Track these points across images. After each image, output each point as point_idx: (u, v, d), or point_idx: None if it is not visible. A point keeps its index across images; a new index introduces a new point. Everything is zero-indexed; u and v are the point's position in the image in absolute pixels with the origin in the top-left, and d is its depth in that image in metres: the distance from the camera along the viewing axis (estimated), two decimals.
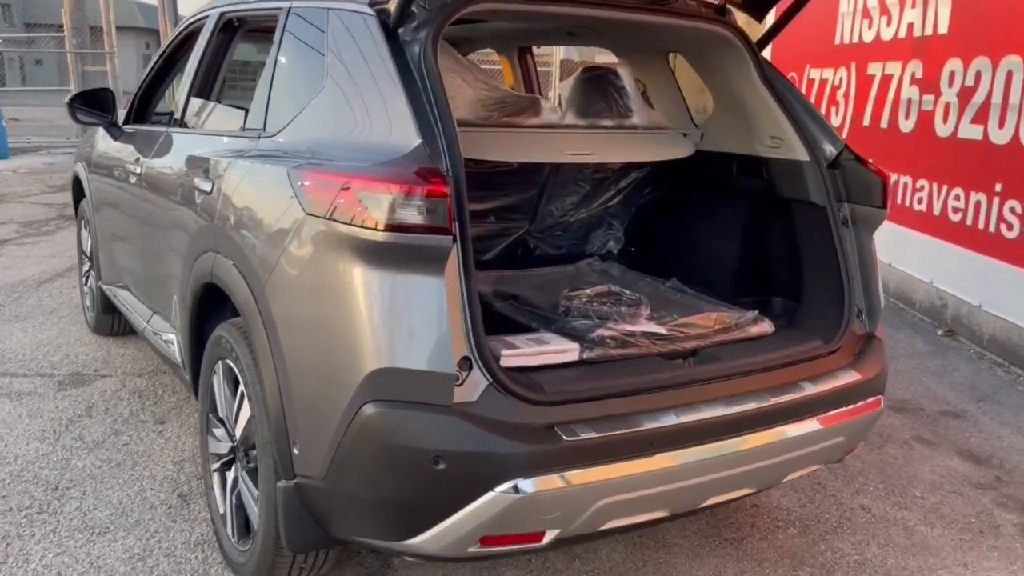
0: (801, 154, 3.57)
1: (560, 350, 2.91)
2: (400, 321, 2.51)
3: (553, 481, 2.46)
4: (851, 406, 3.15)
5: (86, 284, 6.20)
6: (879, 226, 3.51)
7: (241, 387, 3.08)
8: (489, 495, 2.42)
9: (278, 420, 2.78)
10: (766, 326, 3.37)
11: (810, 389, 3.05)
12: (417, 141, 2.57)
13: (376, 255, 2.49)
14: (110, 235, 5.34)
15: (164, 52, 5.12)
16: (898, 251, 7.38)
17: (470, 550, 2.58)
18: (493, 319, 3.18)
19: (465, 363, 2.54)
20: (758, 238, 3.93)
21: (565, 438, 2.50)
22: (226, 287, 3.15)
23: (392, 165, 2.53)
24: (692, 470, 2.72)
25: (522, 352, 2.85)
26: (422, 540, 2.56)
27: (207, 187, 3.46)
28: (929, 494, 4.20)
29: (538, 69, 5.87)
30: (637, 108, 4.19)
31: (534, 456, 2.47)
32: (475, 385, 2.55)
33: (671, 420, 2.69)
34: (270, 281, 2.84)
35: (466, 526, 2.48)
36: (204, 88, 4.24)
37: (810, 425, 2.96)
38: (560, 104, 4.13)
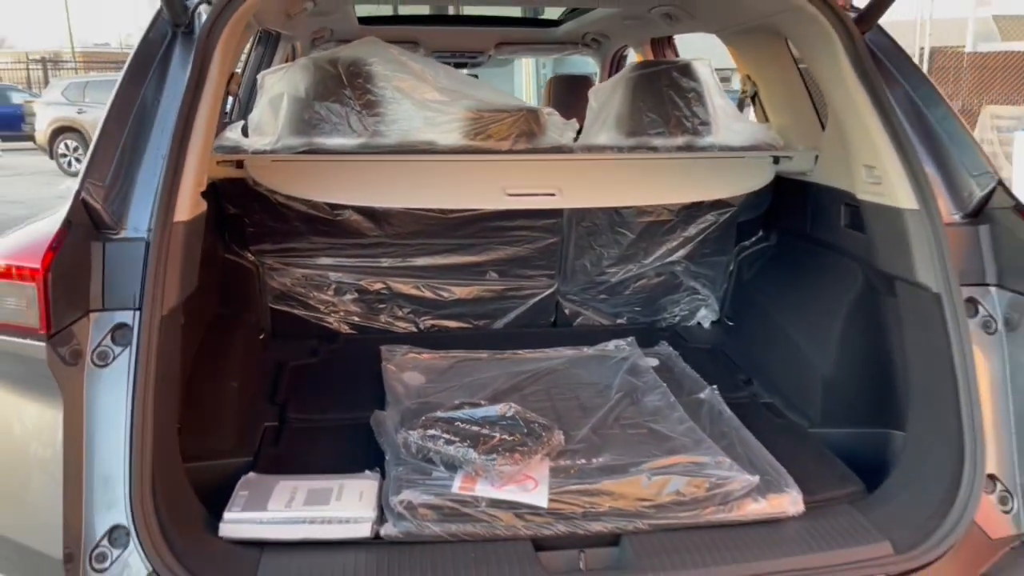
0: (904, 198, 2.04)
1: (336, 518, 1.83)
2: (2, 461, 1.68)
3: None
4: None
5: None
6: None
7: None
8: None
9: None
10: (783, 503, 1.93)
11: None
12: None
13: None
14: None
15: None
16: None
17: None
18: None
19: (120, 536, 1.63)
20: (866, 331, 2.39)
21: None
22: None
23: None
24: None
25: (265, 517, 1.82)
26: None
27: None
28: None
29: None
30: (718, 121, 2.84)
31: None
32: (127, 574, 1.62)
33: None
34: None
35: None
36: None
37: None
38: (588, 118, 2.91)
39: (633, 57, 4.83)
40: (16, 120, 21.14)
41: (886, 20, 2.34)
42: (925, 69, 15.20)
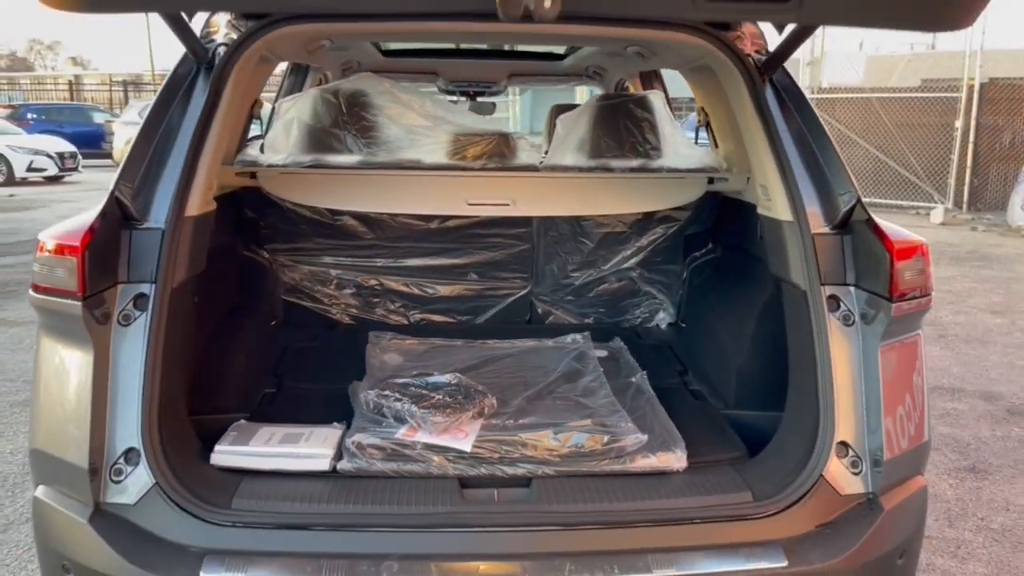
0: (783, 211, 2.46)
1: (302, 453, 2.31)
2: (47, 394, 2.19)
3: None
4: None
5: None
6: (886, 326, 2.26)
7: None
8: None
9: None
10: (670, 459, 2.35)
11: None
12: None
13: (39, 319, 2.24)
14: None
15: None
16: None
17: None
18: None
19: (133, 457, 2.13)
20: (771, 328, 2.79)
21: None
22: None
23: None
24: None
25: (246, 451, 2.31)
26: None
27: None
28: None
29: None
30: (667, 147, 3.26)
31: None
32: (136, 485, 2.12)
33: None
34: None
35: None
36: None
37: None
38: (551, 143, 3.36)
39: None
40: (97, 138, 22.57)
41: (941, 50, 2.73)
42: (975, 100, 15.22)
